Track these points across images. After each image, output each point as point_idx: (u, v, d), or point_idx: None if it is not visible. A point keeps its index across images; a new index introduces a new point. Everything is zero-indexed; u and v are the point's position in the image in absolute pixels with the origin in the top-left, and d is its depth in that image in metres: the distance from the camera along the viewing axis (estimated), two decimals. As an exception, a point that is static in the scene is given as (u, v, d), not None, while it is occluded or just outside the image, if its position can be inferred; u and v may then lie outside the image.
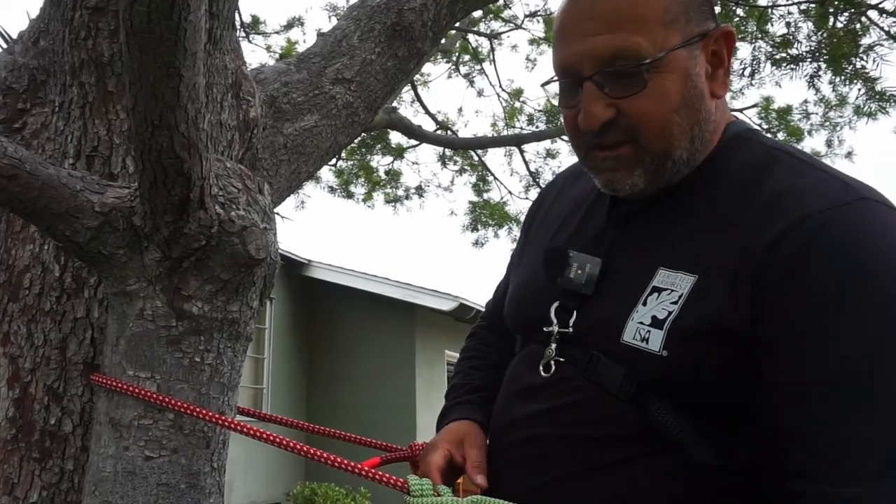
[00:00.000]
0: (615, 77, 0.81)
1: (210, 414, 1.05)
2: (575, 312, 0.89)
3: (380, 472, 0.90)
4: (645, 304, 0.81)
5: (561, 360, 0.88)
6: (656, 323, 0.79)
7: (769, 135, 5.91)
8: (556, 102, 0.93)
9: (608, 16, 0.81)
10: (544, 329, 0.91)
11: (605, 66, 0.81)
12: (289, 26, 6.55)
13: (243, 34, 6.09)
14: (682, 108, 0.83)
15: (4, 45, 1.46)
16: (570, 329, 0.88)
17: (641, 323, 0.80)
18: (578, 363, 0.86)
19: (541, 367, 0.89)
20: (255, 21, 6.39)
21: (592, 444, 0.83)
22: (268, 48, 6.64)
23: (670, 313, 0.79)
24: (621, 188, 0.87)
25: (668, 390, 0.80)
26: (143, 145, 0.88)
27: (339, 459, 0.94)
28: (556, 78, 0.89)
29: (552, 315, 0.90)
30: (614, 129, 0.83)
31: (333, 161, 6.76)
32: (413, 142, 6.63)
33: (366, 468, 0.92)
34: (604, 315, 0.86)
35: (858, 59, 3.63)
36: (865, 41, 3.72)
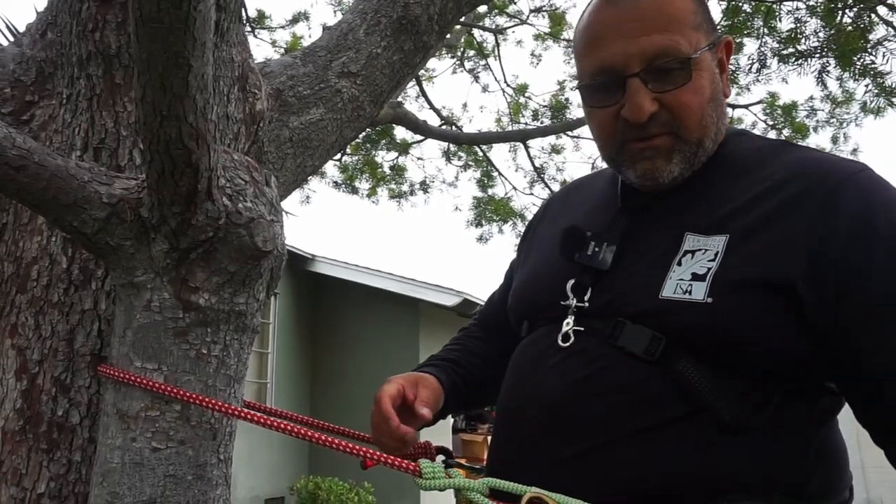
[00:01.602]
0: (661, 73, 0.89)
1: (217, 403, 1.05)
2: (590, 289, 0.92)
3: (390, 457, 0.89)
4: (680, 264, 0.85)
5: (580, 329, 0.90)
6: (697, 278, 0.83)
7: (774, 131, 5.90)
8: (587, 104, 0.98)
9: (651, 18, 0.89)
10: (561, 303, 0.93)
11: (653, 62, 0.88)
12: (294, 21, 6.54)
13: (249, 29, 6.09)
14: (712, 101, 0.92)
15: (12, 38, 1.46)
16: (587, 304, 0.91)
17: (681, 279, 0.84)
18: (600, 333, 0.88)
19: (559, 338, 0.91)
20: (261, 16, 6.39)
21: (618, 413, 0.83)
22: (273, 43, 6.64)
23: (709, 269, 0.83)
24: (660, 175, 0.92)
25: (704, 344, 0.81)
26: (152, 136, 0.88)
27: (347, 445, 0.94)
28: (589, 81, 0.95)
29: (568, 290, 0.93)
30: (656, 121, 0.90)
31: (338, 156, 6.77)
32: (418, 137, 6.63)
33: (374, 454, 0.91)
34: (630, 284, 0.89)
35: (867, 55, 3.61)
36: (874, 36, 3.69)
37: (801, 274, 0.79)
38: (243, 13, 1.69)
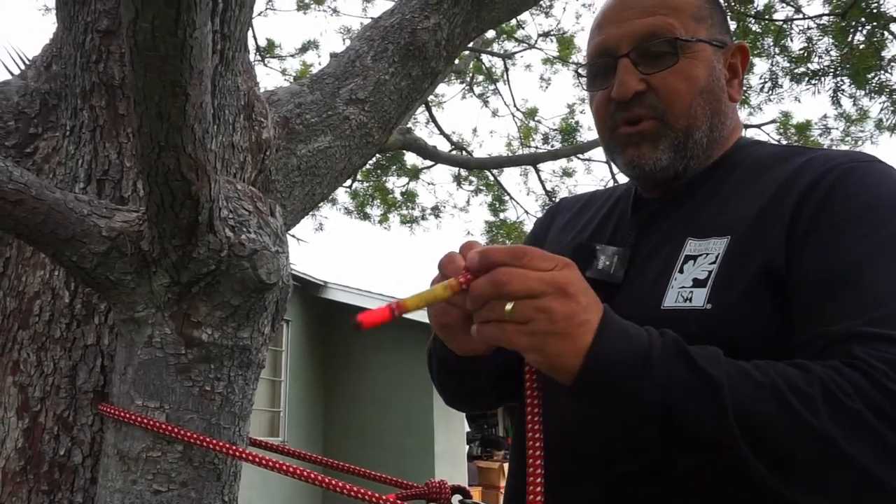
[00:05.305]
0: (650, 54, 0.90)
1: (221, 444, 1.01)
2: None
3: (400, 502, 0.85)
4: (682, 271, 0.83)
5: None
6: (698, 284, 0.80)
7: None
8: (586, 89, 1.00)
9: (647, 3, 0.91)
10: None
11: (642, 42, 0.90)
12: (304, 49, 6.61)
13: (259, 58, 6.15)
14: (705, 93, 0.90)
15: (23, 66, 1.46)
16: None
17: (683, 287, 0.82)
18: None
19: None
20: (271, 45, 6.45)
21: (622, 448, 0.79)
22: (283, 71, 6.70)
23: (710, 273, 0.80)
24: (646, 163, 0.91)
25: None
26: (150, 167, 0.86)
27: (356, 489, 0.90)
28: (587, 63, 0.98)
29: None
30: (642, 103, 0.90)
31: (349, 183, 6.78)
32: (428, 162, 6.63)
33: (384, 498, 0.87)
34: (635, 297, 0.86)
35: (883, 72, 3.57)
36: (887, 53, 3.66)
37: (783, 256, 0.76)
38: (252, 42, 1.68)
